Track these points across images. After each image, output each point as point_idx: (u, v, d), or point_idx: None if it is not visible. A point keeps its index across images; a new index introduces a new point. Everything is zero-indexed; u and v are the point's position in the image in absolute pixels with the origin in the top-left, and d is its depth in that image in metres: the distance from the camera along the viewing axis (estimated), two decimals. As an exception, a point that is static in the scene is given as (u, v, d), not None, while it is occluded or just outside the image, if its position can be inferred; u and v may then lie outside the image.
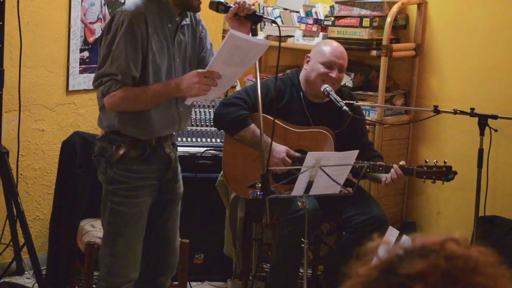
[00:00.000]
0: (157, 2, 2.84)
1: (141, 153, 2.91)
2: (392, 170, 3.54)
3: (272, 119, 3.26)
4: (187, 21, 2.93)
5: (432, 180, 3.54)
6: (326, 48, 3.78)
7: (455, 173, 3.52)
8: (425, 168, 3.53)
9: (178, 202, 3.14)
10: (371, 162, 3.58)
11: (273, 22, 3.04)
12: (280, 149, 3.67)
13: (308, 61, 3.80)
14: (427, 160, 3.57)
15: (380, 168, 3.57)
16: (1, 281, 4.04)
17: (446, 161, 3.53)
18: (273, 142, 3.55)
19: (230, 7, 2.83)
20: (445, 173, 3.51)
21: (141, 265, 3.05)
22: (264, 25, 4.71)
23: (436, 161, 3.53)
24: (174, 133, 3.06)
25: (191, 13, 2.98)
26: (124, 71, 2.74)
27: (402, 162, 3.59)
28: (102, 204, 2.98)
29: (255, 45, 2.68)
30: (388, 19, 4.23)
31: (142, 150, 2.91)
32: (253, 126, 3.71)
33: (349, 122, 3.70)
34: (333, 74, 3.71)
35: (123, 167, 2.90)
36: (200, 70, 2.72)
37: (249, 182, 3.62)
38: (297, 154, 3.69)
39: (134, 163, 2.91)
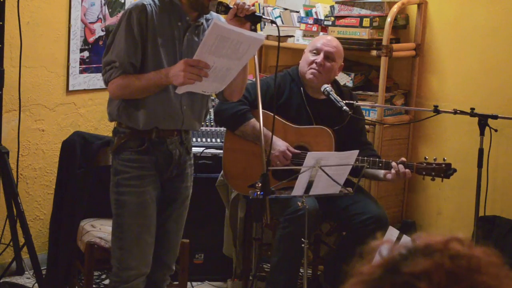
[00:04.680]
0: (170, 0, 2.92)
1: (139, 144, 2.98)
2: (395, 165, 3.54)
3: (277, 117, 3.32)
4: (199, 22, 2.97)
5: (431, 177, 3.55)
6: (317, 38, 3.95)
7: (454, 170, 3.54)
8: (424, 164, 3.55)
9: (183, 202, 3.16)
10: (371, 159, 3.59)
11: (273, 22, 3.05)
12: (281, 143, 3.69)
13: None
14: (427, 157, 3.58)
15: (380, 164, 3.58)
16: (1, 281, 4.04)
17: (445, 158, 3.54)
18: (275, 137, 3.60)
19: (230, 8, 2.85)
20: (445, 170, 3.53)
21: None
22: (264, 25, 4.71)
23: (436, 158, 3.54)
24: (184, 131, 3.07)
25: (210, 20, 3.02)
26: (122, 57, 2.85)
27: (402, 159, 3.60)
28: (111, 197, 3.05)
29: (246, 38, 2.69)
30: (388, 19, 4.23)
31: (141, 141, 2.98)
32: (253, 120, 3.72)
33: (348, 121, 3.72)
34: (318, 58, 3.75)
35: (123, 157, 2.99)
36: (186, 59, 2.77)
37: (249, 179, 3.63)
38: (297, 151, 3.70)
39: (132, 153, 2.98)
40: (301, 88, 3.82)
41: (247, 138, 3.75)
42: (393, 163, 3.54)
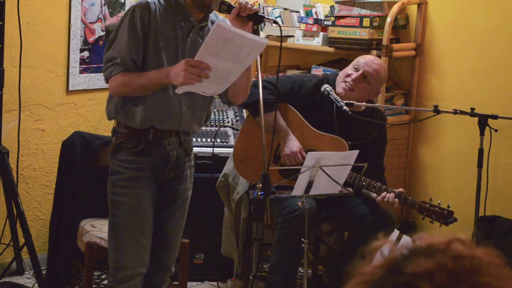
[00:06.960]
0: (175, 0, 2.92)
1: (136, 145, 2.97)
2: (388, 195, 3.55)
3: (300, 116, 3.63)
4: (204, 23, 2.96)
5: (430, 220, 3.55)
6: (365, 56, 3.88)
7: (455, 219, 3.52)
8: (428, 205, 3.53)
9: (182, 204, 3.14)
10: (368, 179, 3.58)
11: (275, 22, 3.04)
12: (295, 144, 3.69)
13: None
14: (432, 199, 3.56)
15: (373, 190, 3.58)
16: (1, 281, 4.04)
17: (449, 205, 3.52)
18: (291, 137, 3.65)
19: (232, 7, 2.83)
20: (446, 217, 3.51)
21: None
22: (265, 25, 4.71)
23: (440, 202, 3.53)
24: (183, 133, 3.06)
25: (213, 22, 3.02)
26: (123, 53, 2.84)
27: (400, 190, 3.60)
28: (108, 197, 3.04)
29: (250, 41, 2.66)
30: (388, 19, 4.23)
31: (137, 142, 2.97)
32: (277, 113, 3.71)
33: (371, 140, 3.73)
34: (354, 75, 3.74)
35: (120, 158, 2.98)
36: (188, 59, 2.76)
37: (254, 166, 3.64)
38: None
39: (128, 154, 2.97)
40: None
41: (266, 127, 3.73)
42: (392, 195, 3.55)
